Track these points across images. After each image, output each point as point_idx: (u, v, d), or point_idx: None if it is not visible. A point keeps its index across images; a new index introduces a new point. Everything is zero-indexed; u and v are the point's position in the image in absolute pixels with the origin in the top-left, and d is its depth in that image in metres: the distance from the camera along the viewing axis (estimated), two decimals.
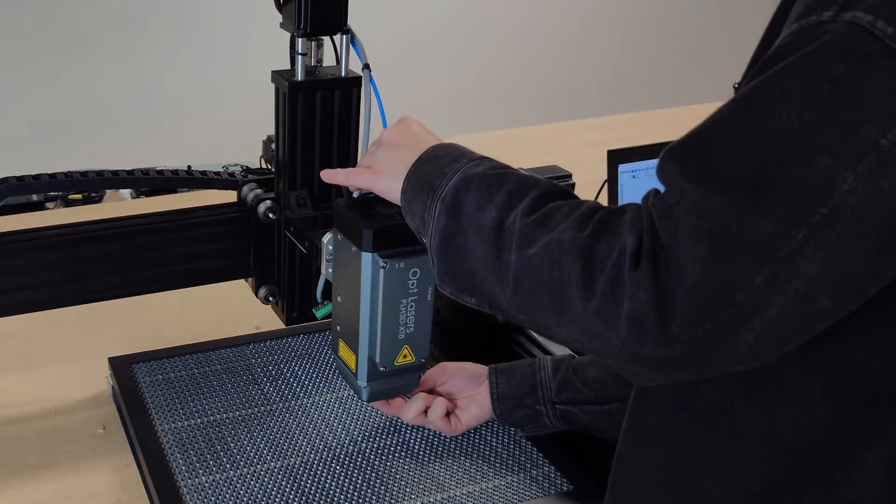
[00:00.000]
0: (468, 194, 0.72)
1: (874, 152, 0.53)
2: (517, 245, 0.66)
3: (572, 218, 0.63)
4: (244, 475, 0.99)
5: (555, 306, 0.64)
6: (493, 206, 0.69)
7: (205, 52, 3.01)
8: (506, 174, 0.72)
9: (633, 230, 0.60)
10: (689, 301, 0.56)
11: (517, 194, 0.69)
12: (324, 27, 1.00)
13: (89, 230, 1.05)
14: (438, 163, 0.77)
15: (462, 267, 0.72)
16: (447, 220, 0.73)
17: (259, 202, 1.08)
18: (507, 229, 0.67)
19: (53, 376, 1.19)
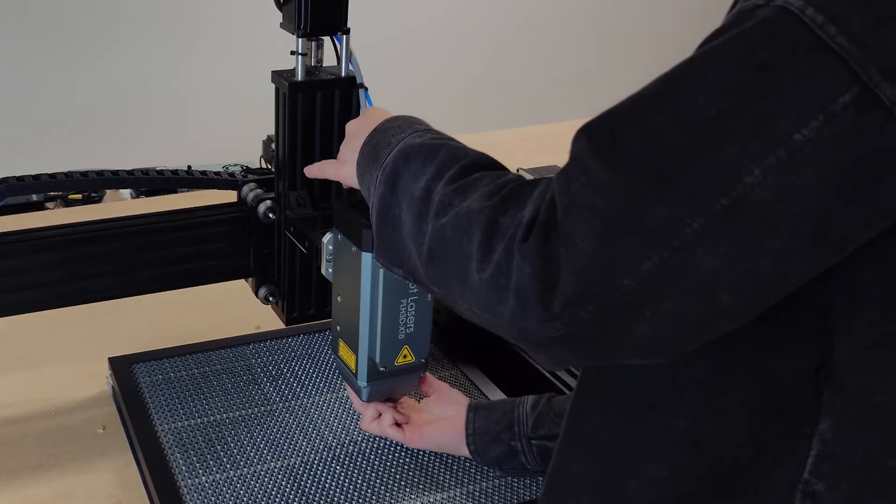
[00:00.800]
0: (406, 165, 0.71)
1: (785, 146, 0.50)
2: (434, 214, 0.66)
3: (487, 188, 0.62)
4: (244, 475, 0.99)
5: (458, 276, 0.63)
6: (424, 176, 0.69)
7: (205, 52, 3.01)
8: (441, 144, 0.72)
9: (536, 202, 0.58)
10: (572, 279, 0.54)
11: (447, 164, 0.68)
12: (324, 27, 1.00)
13: (89, 230, 1.05)
14: (388, 134, 0.78)
15: (395, 239, 0.72)
16: (385, 191, 0.73)
17: (259, 202, 1.08)
18: (433, 198, 0.67)
19: (53, 376, 1.19)
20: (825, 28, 0.49)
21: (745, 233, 0.52)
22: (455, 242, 0.63)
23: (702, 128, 0.52)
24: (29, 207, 1.91)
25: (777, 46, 0.51)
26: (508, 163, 0.75)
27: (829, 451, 0.60)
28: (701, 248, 0.52)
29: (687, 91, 0.53)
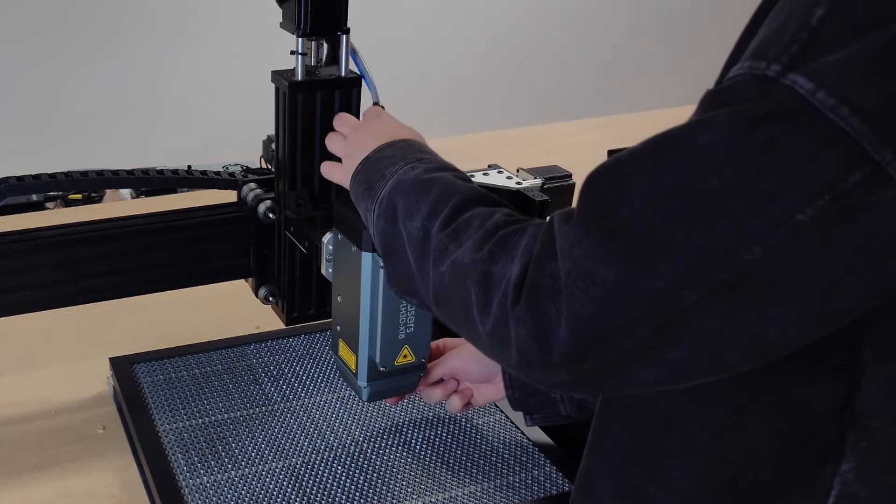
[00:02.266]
0: (401, 200, 0.74)
1: (787, 225, 0.50)
2: (433, 260, 0.68)
3: (477, 236, 0.64)
4: (245, 475, 0.99)
5: (465, 321, 0.65)
6: (420, 214, 0.72)
7: (205, 52, 3.01)
8: (433, 180, 0.74)
9: (523, 258, 0.59)
10: (571, 341, 0.56)
11: (440, 202, 0.70)
12: (324, 27, 1.00)
13: (89, 230, 1.05)
14: (380, 164, 0.80)
15: (403, 270, 0.74)
16: (385, 225, 0.76)
17: (259, 202, 1.08)
18: (430, 241, 0.69)
19: (53, 376, 1.19)
20: (837, 110, 0.49)
21: (746, 303, 0.52)
22: (456, 292, 0.65)
23: (703, 200, 0.52)
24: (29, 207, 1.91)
25: (785, 124, 0.50)
26: (509, 163, 0.75)
27: (850, 492, 0.60)
28: (700, 314, 0.53)
29: (691, 158, 0.53)
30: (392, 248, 0.75)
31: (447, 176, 0.74)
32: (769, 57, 0.52)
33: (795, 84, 0.50)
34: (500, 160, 1.79)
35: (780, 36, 0.52)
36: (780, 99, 0.51)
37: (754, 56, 0.53)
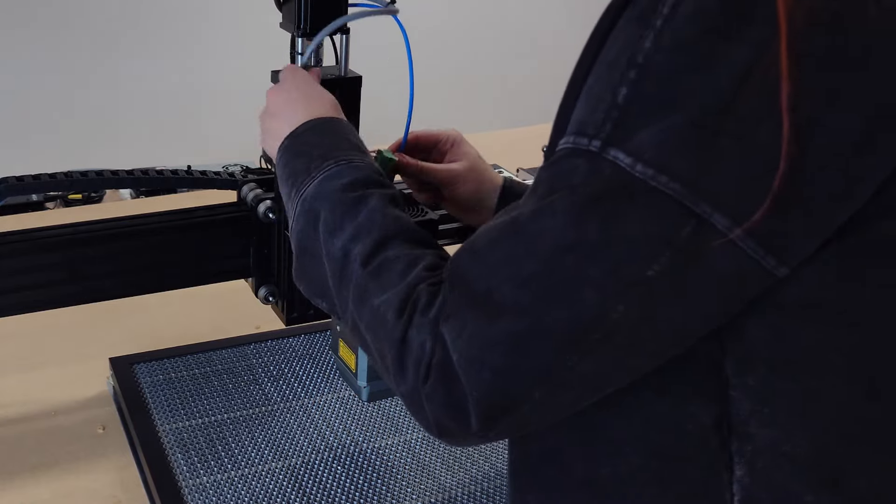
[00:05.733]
0: (324, 210, 0.74)
1: (642, 283, 0.56)
2: (353, 297, 0.70)
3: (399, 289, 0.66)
4: (245, 475, 0.99)
5: (382, 367, 0.68)
6: (343, 234, 0.72)
7: (205, 52, 3.01)
8: (360, 200, 0.74)
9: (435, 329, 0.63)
10: (477, 419, 0.61)
11: (364, 230, 0.71)
12: (323, 27, 1.00)
13: (89, 230, 1.05)
14: (305, 151, 0.81)
15: (314, 274, 0.75)
16: (306, 226, 0.76)
17: (259, 202, 1.08)
18: (350, 271, 0.70)
19: (53, 376, 1.19)
20: (657, 178, 0.54)
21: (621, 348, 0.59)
22: (373, 341, 0.68)
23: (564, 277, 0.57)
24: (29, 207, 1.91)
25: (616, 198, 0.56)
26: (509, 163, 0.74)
27: (751, 495, 0.63)
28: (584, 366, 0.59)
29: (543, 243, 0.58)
30: (307, 248, 0.76)
31: (375, 197, 0.74)
32: (589, 133, 0.57)
33: (617, 159, 0.56)
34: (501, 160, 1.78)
35: (595, 113, 0.57)
36: (608, 174, 0.56)
37: (577, 132, 0.58)
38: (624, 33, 0.57)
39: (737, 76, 0.52)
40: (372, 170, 0.78)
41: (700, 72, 0.53)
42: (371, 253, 0.69)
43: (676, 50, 0.54)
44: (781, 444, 0.61)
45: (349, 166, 0.77)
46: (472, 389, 0.60)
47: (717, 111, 0.53)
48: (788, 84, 0.51)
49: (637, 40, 0.55)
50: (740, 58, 0.52)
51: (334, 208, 0.74)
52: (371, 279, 0.68)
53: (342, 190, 0.75)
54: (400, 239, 0.70)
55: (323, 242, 0.73)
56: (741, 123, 0.53)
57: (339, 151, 0.80)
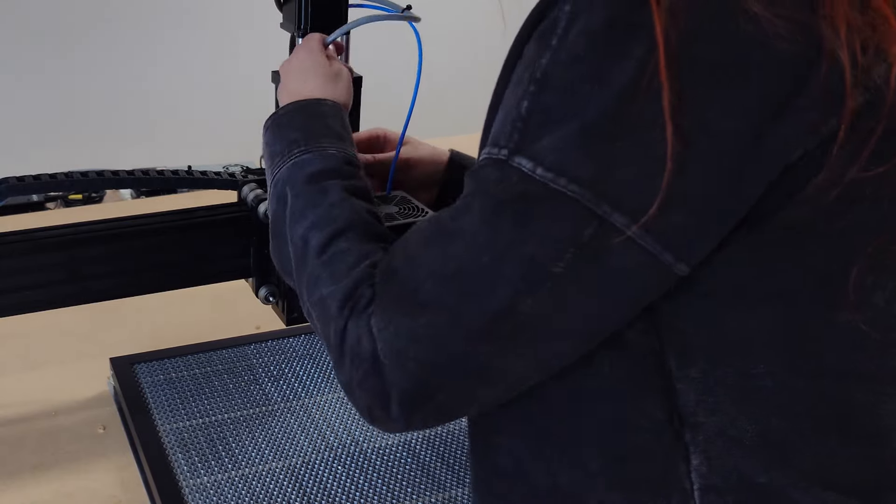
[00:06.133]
0: (291, 194, 0.78)
1: (549, 279, 0.60)
2: (308, 284, 0.73)
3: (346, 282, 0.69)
4: (246, 475, 0.99)
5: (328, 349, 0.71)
6: (305, 222, 0.75)
7: (205, 51, 3.01)
8: (324, 191, 0.77)
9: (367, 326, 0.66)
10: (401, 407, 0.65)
11: (322, 219, 0.75)
12: (324, 27, 1.00)
13: (90, 230, 1.05)
14: (284, 133, 0.84)
15: (284, 254, 0.79)
16: (277, 207, 0.80)
17: (259, 202, 1.08)
18: (307, 258, 0.74)
19: (53, 376, 1.19)
20: (557, 181, 0.59)
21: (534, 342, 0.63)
22: (321, 328, 0.71)
23: (480, 274, 0.61)
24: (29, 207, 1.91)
25: (523, 200, 0.60)
26: None
27: (709, 483, 0.65)
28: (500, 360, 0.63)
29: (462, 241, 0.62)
30: (277, 230, 0.80)
31: (337, 188, 0.77)
32: (500, 144, 0.62)
33: (521, 165, 0.60)
34: None
35: (504, 126, 0.62)
36: (515, 179, 0.60)
37: (491, 143, 0.63)
38: (529, 52, 0.62)
39: (624, 86, 0.57)
40: (342, 160, 0.81)
41: (591, 83, 0.58)
42: (325, 243, 0.73)
43: (570, 64, 0.59)
44: (728, 429, 0.64)
45: (320, 154, 0.80)
46: (395, 379, 0.64)
47: (609, 118, 0.57)
48: (669, 93, 0.56)
49: (538, 58, 0.61)
50: (626, 70, 0.57)
51: (298, 195, 0.78)
52: (323, 269, 0.72)
53: (308, 179, 0.78)
54: (355, 232, 0.73)
55: (288, 228, 0.77)
56: (632, 129, 0.57)
57: (314, 138, 0.83)
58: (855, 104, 0.57)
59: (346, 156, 0.81)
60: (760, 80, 0.56)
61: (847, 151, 0.58)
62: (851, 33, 0.56)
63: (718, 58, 0.56)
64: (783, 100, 0.56)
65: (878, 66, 0.57)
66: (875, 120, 0.57)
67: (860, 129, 0.58)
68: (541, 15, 0.62)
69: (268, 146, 0.85)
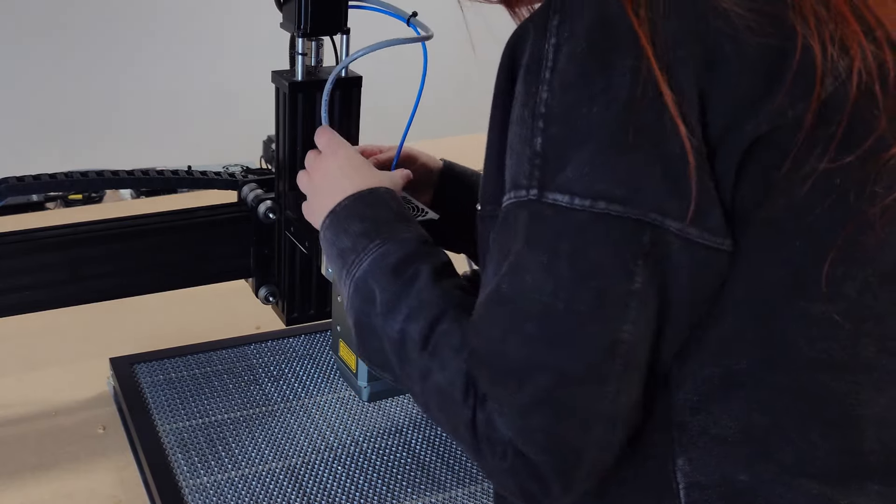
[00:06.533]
0: (378, 288, 0.76)
1: (634, 299, 0.59)
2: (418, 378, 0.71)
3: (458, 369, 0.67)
4: (246, 475, 0.99)
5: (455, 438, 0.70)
6: (398, 315, 0.73)
7: (205, 51, 3.01)
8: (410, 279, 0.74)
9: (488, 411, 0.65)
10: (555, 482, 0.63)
11: (417, 309, 0.72)
12: (324, 27, 1.00)
13: (89, 230, 1.05)
14: (349, 228, 0.81)
15: (375, 348, 0.76)
16: (363, 304, 0.77)
17: (259, 202, 1.08)
18: (407, 347, 0.72)
19: (53, 376, 1.19)
20: (596, 205, 0.59)
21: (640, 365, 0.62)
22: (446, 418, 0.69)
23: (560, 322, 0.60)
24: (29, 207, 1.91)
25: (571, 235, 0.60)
26: None
27: (694, 481, 0.66)
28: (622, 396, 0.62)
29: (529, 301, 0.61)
30: (365, 326, 0.77)
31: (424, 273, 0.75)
32: (523, 185, 0.62)
33: (556, 200, 0.60)
34: None
35: (522, 167, 0.62)
36: (552, 216, 0.61)
37: (513, 187, 0.63)
38: (522, 92, 0.63)
39: (625, 99, 0.58)
40: (419, 241, 0.78)
41: (593, 104, 0.59)
42: (426, 334, 0.71)
43: (567, 92, 0.60)
44: (710, 427, 0.65)
45: (395, 242, 0.78)
46: (536, 455, 0.62)
47: (621, 131, 0.58)
48: (670, 93, 0.58)
49: (534, 94, 0.62)
50: (622, 83, 0.58)
51: (385, 289, 0.75)
52: (431, 360, 0.70)
53: (392, 270, 0.76)
54: (451, 313, 0.71)
55: (381, 325, 0.75)
56: (645, 136, 0.58)
57: (383, 226, 0.80)
58: (825, 93, 0.59)
59: (420, 236, 0.80)
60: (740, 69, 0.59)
61: (815, 140, 0.60)
62: (820, 24, 0.59)
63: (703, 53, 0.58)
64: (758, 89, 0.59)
65: (843, 60, 0.59)
66: (840, 111, 0.60)
67: (826, 119, 0.60)
68: (514, 52, 0.64)
69: (333, 244, 0.82)
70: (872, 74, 0.60)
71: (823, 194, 0.61)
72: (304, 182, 0.93)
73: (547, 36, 0.61)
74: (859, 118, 0.60)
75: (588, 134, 0.60)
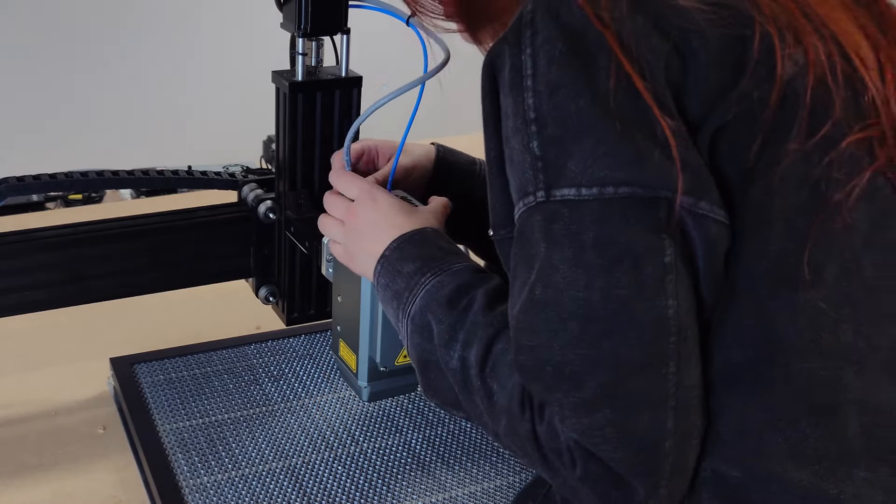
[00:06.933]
0: (434, 321, 0.76)
1: (668, 271, 0.61)
2: (482, 402, 0.71)
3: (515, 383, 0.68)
4: (246, 475, 0.99)
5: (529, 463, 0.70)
6: (457, 345, 0.73)
7: (205, 52, 3.01)
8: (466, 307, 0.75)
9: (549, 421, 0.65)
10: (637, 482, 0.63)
11: (473, 334, 0.73)
12: (324, 27, 1.00)
13: (89, 230, 1.05)
14: (402, 268, 0.81)
15: (443, 385, 0.76)
16: (422, 341, 0.77)
17: (259, 202, 1.08)
18: (468, 374, 0.72)
19: (53, 376, 1.19)
20: (604, 192, 0.60)
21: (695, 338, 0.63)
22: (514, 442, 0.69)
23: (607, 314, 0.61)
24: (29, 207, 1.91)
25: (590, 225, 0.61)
26: None
27: None
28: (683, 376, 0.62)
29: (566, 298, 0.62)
30: (428, 363, 0.77)
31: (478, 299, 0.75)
32: (529, 191, 0.63)
33: (565, 196, 0.62)
34: None
35: (525, 174, 0.64)
36: (567, 212, 0.62)
37: (521, 196, 0.65)
38: (509, 105, 0.65)
39: (606, 91, 0.61)
40: (471, 270, 0.79)
41: (579, 99, 0.61)
42: (484, 356, 0.71)
43: (553, 93, 0.62)
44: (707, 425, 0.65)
45: (448, 274, 0.78)
46: (611, 456, 0.62)
47: (610, 122, 0.60)
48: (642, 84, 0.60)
49: (521, 103, 0.63)
50: (600, 77, 0.61)
51: (442, 320, 0.75)
52: (493, 381, 0.70)
53: (447, 301, 0.76)
54: (507, 331, 0.71)
55: (441, 357, 0.75)
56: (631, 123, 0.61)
57: (434, 262, 0.80)
58: (786, 74, 0.62)
59: (472, 265, 0.80)
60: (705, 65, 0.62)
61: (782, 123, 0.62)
62: (774, 14, 0.62)
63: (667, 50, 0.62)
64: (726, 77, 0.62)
65: (798, 49, 0.63)
66: (803, 95, 0.62)
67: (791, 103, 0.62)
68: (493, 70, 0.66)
69: (387, 288, 0.82)
70: (824, 66, 0.63)
71: (796, 181, 0.63)
72: (337, 230, 0.91)
73: (522, 48, 0.64)
74: (819, 104, 0.63)
75: (582, 127, 0.61)
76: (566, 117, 0.62)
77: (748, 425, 0.65)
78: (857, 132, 0.64)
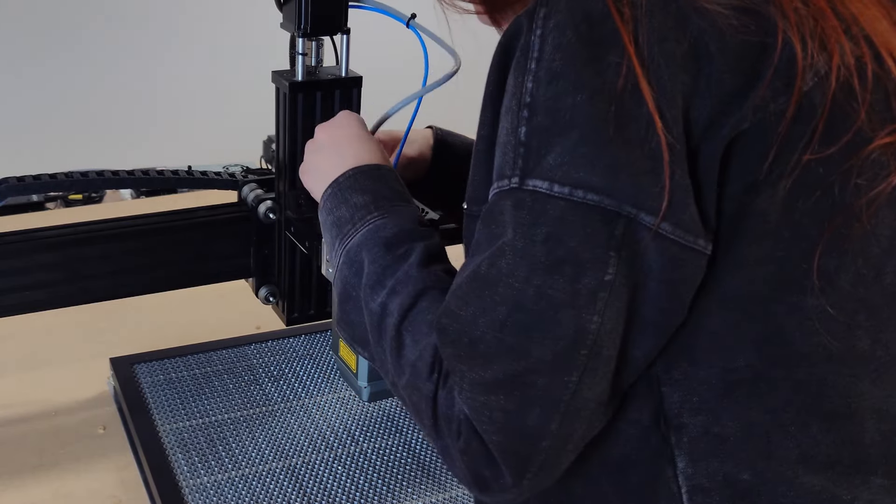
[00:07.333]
0: (367, 259, 0.76)
1: (603, 289, 0.60)
2: (391, 350, 0.72)
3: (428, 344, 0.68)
4: (246, 475, 0.99)
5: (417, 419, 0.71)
6: (382, 289, 0.74)
7: (205, 51, 3.01)
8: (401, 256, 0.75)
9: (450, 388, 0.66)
10: (506, 467, 0.63)
11: (401, 284, 0.73)
12: (324, 27, 1.00)
13: (89, 230, 1.05)
14: (349, 199, 0.82)
15: (356, 321, 0.77)
16: (349, 274, 0.77)
17: (259, 202, 1.08)
18: (385, 321, 0.72)
19: (53, 376, 1.19)
20: (574, 193, 0.60)
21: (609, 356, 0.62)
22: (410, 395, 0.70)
23: (535, 307, 0.61)
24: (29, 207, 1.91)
25: (548, 221, 0.60)
26: None
27: (695, 484, 0.66)
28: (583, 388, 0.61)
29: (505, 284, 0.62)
30: (350, 297, 0.77)
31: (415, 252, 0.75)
32: (506, 174, 0.63)
33: (536, 187, 0.61)
34: None
35: (506, 156, 0.63)
36: (531, 203, 0.61)
37: (498, 178, 0.64)
38: (511, 84, 0.63)
39: (607, 91, 0.59)
40: (415, 220, 0.79)
41: (576, 94, 0.60)
42: (407, 308, 0.71)
43: (551, 82, 0.61)
44: (712, 428, 0.65)
45: (393, 216, 0.79)
46: (490, 436, 0.62)
47: (602, 123, 0.59)
48: (649, 90, 0.59)
49: (520, 85, 0.62)
50: (604, 76, 0.59)
51: (375, 261, 0.75)
52: (406, 334, 0.70)
53: (385, 244, 0.76)
54: (434, 292, 0.71)
55: (364, 296, 0.75)
56: (624, 129, 0.59)
57: (384, 201, 0.81)
58: (805, 86, 0.60)
59: (416, 217, 0.80)
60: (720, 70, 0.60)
61: (796, 134, 0.60)
62: (800, 19, 0.60)
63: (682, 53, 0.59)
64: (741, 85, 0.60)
65: (822, 56, 0.60)
66: (821, 105, 0.60)
67: (807, 113, 0.60)
68: (507, 48, 0.65)
69: (330, 212, 0.83)
70: (850, 69, 0.61)
71: (808, 187, 0.61)
72: (309, 147, 0.92)
73: (533, 28, 0.62)
74: (839, 112, 0.61)
75: (571, 124, 0.60)
76: (559, 109, 0.61)
77: (755, 428, 0.64)
78: (885, 136, 0.62)
